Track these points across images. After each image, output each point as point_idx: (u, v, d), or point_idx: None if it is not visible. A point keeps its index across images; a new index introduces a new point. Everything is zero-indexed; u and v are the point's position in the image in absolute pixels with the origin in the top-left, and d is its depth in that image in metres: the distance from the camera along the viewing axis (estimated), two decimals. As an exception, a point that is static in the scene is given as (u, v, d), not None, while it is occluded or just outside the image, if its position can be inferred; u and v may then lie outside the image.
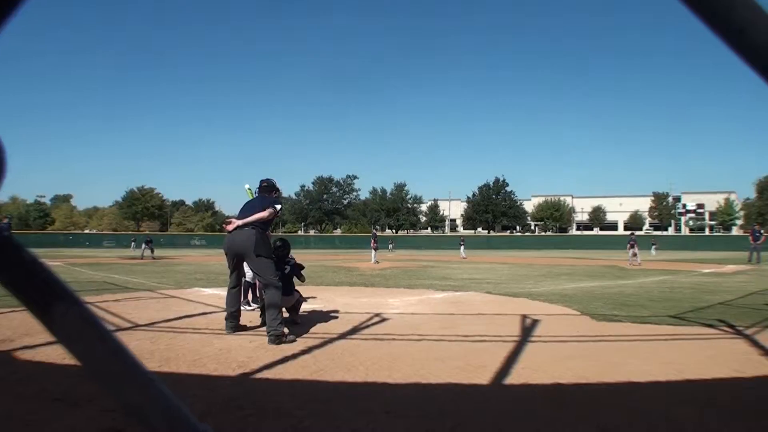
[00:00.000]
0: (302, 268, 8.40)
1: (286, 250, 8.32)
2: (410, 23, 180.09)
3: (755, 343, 6.51)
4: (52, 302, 0.50)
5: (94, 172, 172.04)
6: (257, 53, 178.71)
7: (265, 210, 7.17)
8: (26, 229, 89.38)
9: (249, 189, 9.44)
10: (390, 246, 52.11)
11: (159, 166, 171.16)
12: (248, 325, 7.73)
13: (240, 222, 7.10)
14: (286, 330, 6.87)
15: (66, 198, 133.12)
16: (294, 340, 6.71)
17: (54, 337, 0.50)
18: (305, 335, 7.10)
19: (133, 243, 44.57)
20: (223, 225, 7.46)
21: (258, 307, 8.58)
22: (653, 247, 42.20)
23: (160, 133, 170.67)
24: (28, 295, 0.50)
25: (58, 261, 27.27)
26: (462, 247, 38.01)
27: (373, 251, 29.03)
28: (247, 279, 9.06)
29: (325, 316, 8.70)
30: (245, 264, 7.60)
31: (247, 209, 7.37)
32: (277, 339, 6.51)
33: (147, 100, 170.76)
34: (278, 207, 7.47)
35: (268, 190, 7.84)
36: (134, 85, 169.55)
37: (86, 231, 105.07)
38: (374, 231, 34.77)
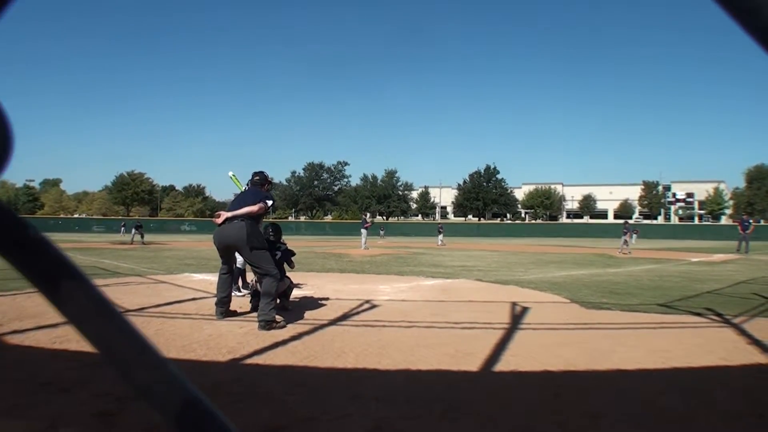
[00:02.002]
0: (293, 254, 8.39)
1: (277, 236, 8.31)
2: (400, 10, 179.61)
3: (743, 332, 6.56)
4: (60, 281, 0.49)
5: (84, 156, 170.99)
6: (247, 39, 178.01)
7: (255, 204, 7.12)
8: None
9: (233, 176, 9.37)
10: (381, 232, 52.13)
11: (149, 150, 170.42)
12: (238, 310, 7.73)
13: (229, 214, 7.05)
14: (278, 317, 6.87)
15: (55, 182, 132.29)
16: (284, 326, 6.71)
17: (63, 317, 0.49)
18: (295, 321, 7.10)
19: (122, 228, 44.40)
20: (213, 218, 7.40)
21: (248, 293, 8.57)
22: (634, 235, 42.43)
23: (150, 118, 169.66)
24: (36, 274, 0.49)
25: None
26: (441, 235, 37.75)
27: (364, 235, 28.87)
28: (238, 265, 9.04)
29: (316, 303, 8.70)
30: (236, 252, 7.58)
31: (238, 201, 7.33)
32: (268, 325, 6.51)
33: (137, 85, 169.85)
34: (269, 202, 7.41)
35: (260, 183, 7.77)
36: (124, 70, 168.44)
37: (76, 215, 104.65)
38: (365, 216, 34.67)
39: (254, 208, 7.09)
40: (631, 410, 3.91)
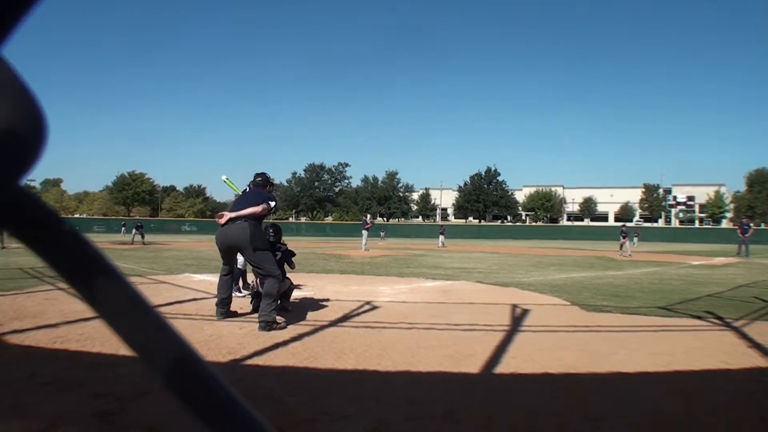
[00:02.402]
0: (293, 255, 8.40)
1: (278, 236, 8.32)
2: (402, 11, 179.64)
3: (743, 335, 6.56)
4: (92, 276, 0.49)
5: (85, 156, 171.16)
6: (248, 39, 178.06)
7: (258, 205, 7.11)
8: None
9: (227, 180, 9.35)
10: (381, 234, 52.11)
11: (150, 151, 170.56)
12: (239, 311, 7.72)
13: (232, 215, 7.04)
14: (278, 318, 6.87)
15: (56, 182, 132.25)
16: (285, 327, 6.71)
17: (95, 312, 0.49)
18: (296, 322, 7.10)
19: (123, 228, 44.41)
20: (216, 218, 7.39)
21: (249, 294, 8.57)
22: (635, 238, 42.42)
23: (151, 118, 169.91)
24: (67, 268, 0.49)
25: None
26: (442, 237, 37.81)
27: (365, 237, 28.81)
28: (239, 266, 9.03)
29: (316, 304, 8.70)
30: (238, 253, 7.57)
31: (240, 202, 7.32)
32: (268, 326, 6.51)
33: (138, 84, 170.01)
34: (272, 204, 7.38)
35: (262, 185, 7.74)
36: (125, 70, 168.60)
37: (76, 216, 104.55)
38: (365, 217, 34.62)
39: (257, 209, 7.08)
40: (631, 413, 3.91)
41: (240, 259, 8.41)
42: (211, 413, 0.50)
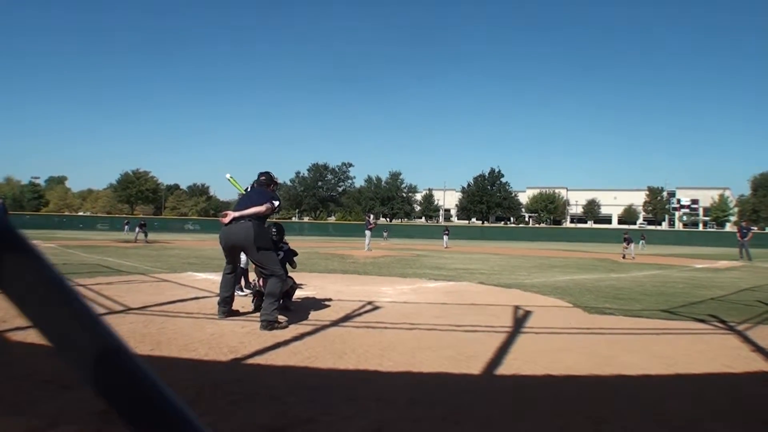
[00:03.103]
0: (295, 254, 8.39)
1: (280, 236, 8.31)
2: (408, 14, 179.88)
3: (746, 339, 6.53)
4: (8, 258, 0.46)
5: (89, 154, 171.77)
6: (254, 41, 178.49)
7: (262, 205, 7.10)
8: (20, 210, 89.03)
9: (231, 178, 9.34)
10: (384, 234, 52.11)
11: (154, 149, 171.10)
12: (240, 310, 7.72)
13: (236, 214, 7.04)
14: (280, 317, 6.86)
15: (60, 180, 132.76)
16: (286, 327, 6.70)
17: (5, 295, 0.46)
18: (297, 322, 7.09)
19: (126, 226, 44.39)
20: (219, 218, 7.39)
21: (250, 293, 8.57)
22: (642, 241, 42.33)
23: (156, 117, 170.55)
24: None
25: (51, 243, 27.18)
26: (446, 237, 37.92)
27: (368, 237, 28.76)
28: (241, 265, 9.02)
29: (318, 304, 8.69)
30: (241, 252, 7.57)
31: (244, 202, 7.31)
32: (270, 325, 6.50)
33: (144, 84, 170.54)
34: (276, 203, 7.37)
35: (266, 184, 7.72)
36: (131, 69, 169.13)
37: (80, 213, 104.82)
38: (369, 217, 34.49)
39: (261, 208, 7.08)
40: (633, 416, 3.89)
41: (243, 257, 8.40)
42: (136, 411, 0.47)
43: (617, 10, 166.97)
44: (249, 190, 7.98)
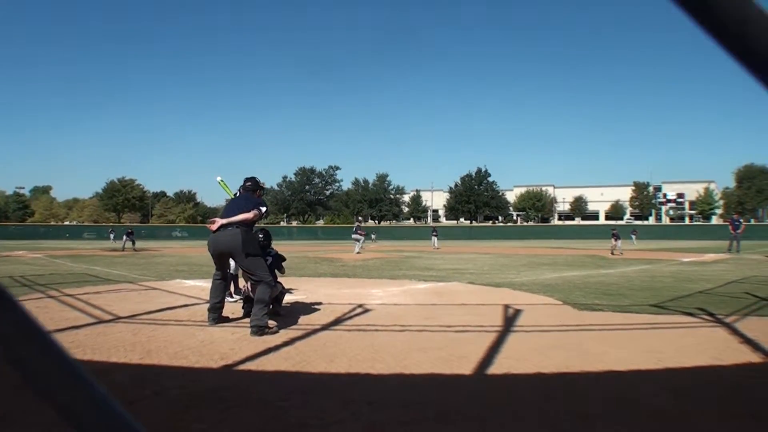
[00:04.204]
0: (283, 259, 8.38)
1: (267, 241, 8.30)
2: (391, 13, 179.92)
3: (735, 331, 6.58)
4: None
5: (74, 163, 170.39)
6: (237, 43, 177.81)
7: (250, 211, 7.10)
8: (5, 221, 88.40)
9: (221, 181, 9.31)
10: (372, 237, 52.09)
11: (139, 157, 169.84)
12: (231, 316, 7.70)
13: (224, 221, 7.03)
14: (270, 323, 6.85)
15: (45, 189, 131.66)
16: (277, 332, 6.69)
17: None
18: (288, 327, 7.08)
19: (111, 234, 44.13)
20: (207, 225, 7.36)
21: (240, 299, 8.55)
22: (633, 236, 42.54)
23: (140, 124, 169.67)
24: None
25: (38, 253, 27.01)
26: (434, 238, 37.96)
27: (360, 240, 28.60)
28: (230, 271, 9.00)
29: (308, 308, 8.68)
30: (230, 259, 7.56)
31: (231, 208, 7.29)
32: (260, 330, 6.49)
33: (127, 90, 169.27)
34: (263, 209, 7.36)
35: (252, 190, 7.71)
36: (113, 76, 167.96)
37: (66, 223, 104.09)
38: (359, 223, 34.42)
39: (249, 215, 7.07)
40: (624, 411, 3.91)
41: (232, 264, 8.38)
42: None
43: (599, 8, 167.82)
44: (236, 196, 7.97)
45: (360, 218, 35.63)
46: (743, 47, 0.46)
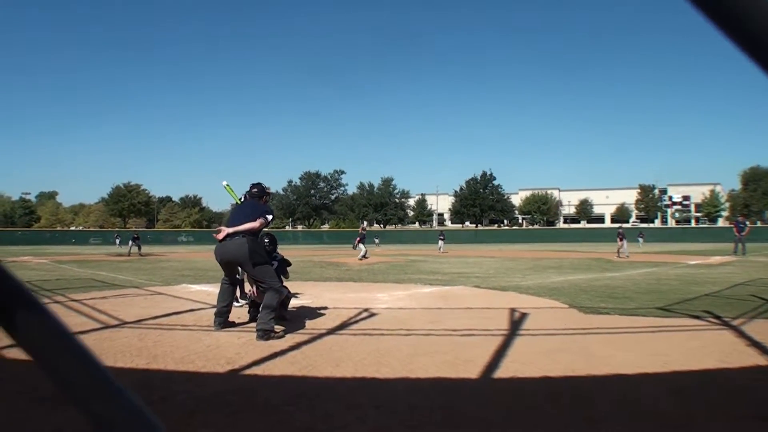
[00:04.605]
0: (288, 264, 8.39)
1: (272, 246, 8.30)
2: (397, 17, 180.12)
3: (741, 334, 6.56)
4: (15, 310, 0.48)
5: (80, 168, 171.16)
6: (243, 48, 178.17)
7: (255, 220, 7.08)
8: (11, 227, 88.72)
9: (227, 186, 9.31)
10: (375, 241, 52.05)
11: (145, 162, 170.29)
12: (236, 321, 7.70)
13: (230, 230, 7.01)
14: (276, 327, 6.86)
15: (51, 195, 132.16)
16: (282, 336, 6.70)
17: (19, 347, 0.48)
18: (294, 331, 7.09)
19: (117, 240, 44.26)
20: (213, 234, 7.34)
21: (246, 303, 8.56)
22: (640, 239, 42.38)
23: (145, 129, 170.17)
24: None
25: (44, 258, 27.09)
26: (441, 242, 37.86)
27: (362, 246, 28.50)
28: (238, 276, 8.99)
29: (314, 312, 8.68)
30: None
31: (237, 216, 7.28)
32: (266, 335, 6.49)
33: (132, 95, 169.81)
34: (269, 216, 7.34)
35: (258, 196, 7.68)
36: (119, 81, 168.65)
37: (72, 228, 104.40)
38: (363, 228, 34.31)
39: (255, 224, 7.06)
40: (631, 415, 3.91)
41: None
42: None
43: (602, 10, 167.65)
44: (242, 200, 7.95)
45: (365, 224, 35.55)
46: (755, 42, 0.46)
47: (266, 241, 8.16)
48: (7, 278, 0.48)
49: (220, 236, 7.07)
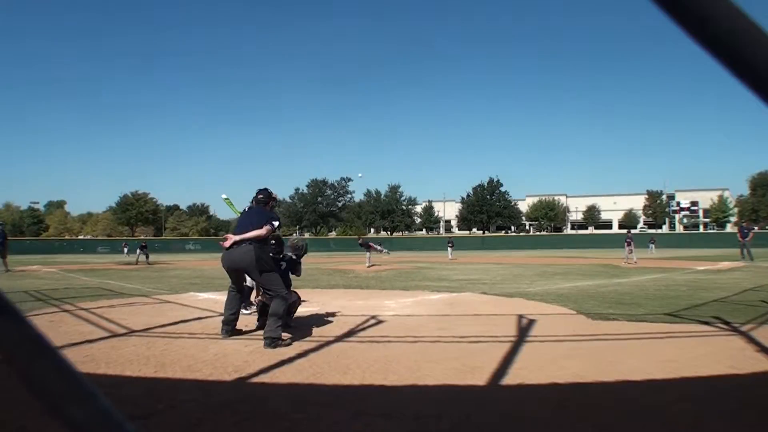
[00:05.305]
0: (298, 262, 8.37)
1: (279, 248, 8.31)
2: (404, 25, 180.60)
3: (751, 340, 6.52)
4: None
5: (88, 177, 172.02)
6: (252, 56, 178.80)
7: (262, 227, 7.09)
8: (20, 236, 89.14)
9: (227, 199, 9.31)
10: (378, 248, 51.91)
11: (153, 170, 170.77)
12: (244, 329, 7.70)
13: (237, 238, 7.03)
14: (284, 335, 6.86)
15: (60, 204, 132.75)
16: (290, 344, 6.70)
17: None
18: (301, 339, 7.09)
19: (125, 248, 44.37)
20: (220, 242, 7.35)
21: (254, 311, 8.56)
22: (652, 245, 42.22)
23: (153, 138, 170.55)
24: None
25: (52, 267, 27.19)
26: (450, 249, 37.81)
27: (369, 253, 28.39)
28: (246, 283, 9.00)
29: (321, 319, 8.68)
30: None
31: (243, 223, 7.28)
32: (273, 342, 6.50)
33: (140, 104, 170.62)
34: (276, 223, 7.33)
35: (264, 202, 7.66)
36: (127, 90, 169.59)
37: (80, 237, 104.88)
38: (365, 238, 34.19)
39: (262, 231, 7.06)
40: (640, 421, 3.89)
41: (248, 278, 8.39)
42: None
43: (609, 17, 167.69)
44: (248, 209, 7.93)
45: (368, 230, 35.55)
46: (738, 61, 0.47)
47: (272, 242, 8.16)
48: None
49: (227, 244, 7.09)
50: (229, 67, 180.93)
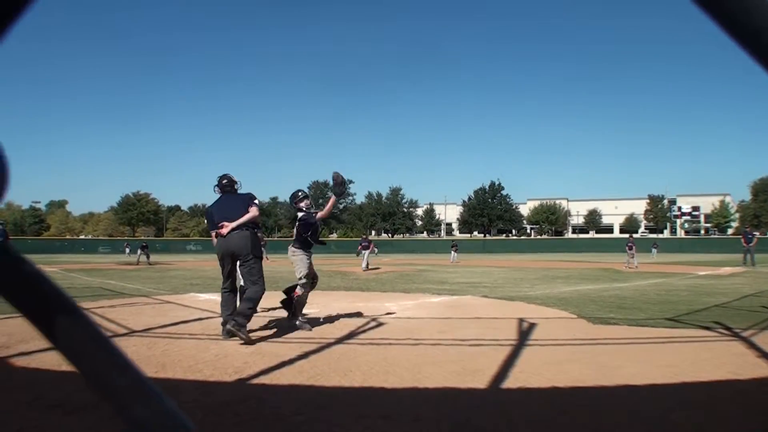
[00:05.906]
0: (316, 228, 9.20)
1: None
2: (405, 26, 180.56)
3: (752, 345, 6.51)
4: (54, 316, 0.49)
5: (90, 177, 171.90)
6: (253, 57, 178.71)
7: (250, 210, 7.32)
8: (21, 235, 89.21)
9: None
10: (375, 250, 51.84)
11: (154, 171, 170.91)
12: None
13: (233, 224, 7.16)
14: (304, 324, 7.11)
15: (61, 204, 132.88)
16: (310, 329, 7.56)
17: (59, 352, 0.49)
18: (302, 340, 7.09)
19: (127, 249, 44.43)
20: (217, 231, 7.34)
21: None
22: (654, 249, 42.20)
23: (155, 138, 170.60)
24: (29, 309, 0.49)
25: (53, 267, 27.20)
26: (454, 253, 37.65)
27: (365, 255, 28.18)
28: (242, 283, 8.99)
29: (322, 321, 8.69)
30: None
31: (228, 209, 7.40)
32: (237, 327, 6.67)
33: (142, 104, 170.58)
34: (257, 200, 7.57)
35: (230, 186, 7.79)
36: (129, 90, 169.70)
37: (82, 237, 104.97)
38: (366, 237, 34.08)
39: (255, 212, 7.36)
40: (640, 426, 3.89)
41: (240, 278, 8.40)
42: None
43: (611, 20, 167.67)
44: (222, 198, 7.77)
45: (366, 232, 35.59)
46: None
47: (299, 194, 9.08)
48: (44, 282, 0.49)
49: (224, 231, 7.17)
50: (231, 69, 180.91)
